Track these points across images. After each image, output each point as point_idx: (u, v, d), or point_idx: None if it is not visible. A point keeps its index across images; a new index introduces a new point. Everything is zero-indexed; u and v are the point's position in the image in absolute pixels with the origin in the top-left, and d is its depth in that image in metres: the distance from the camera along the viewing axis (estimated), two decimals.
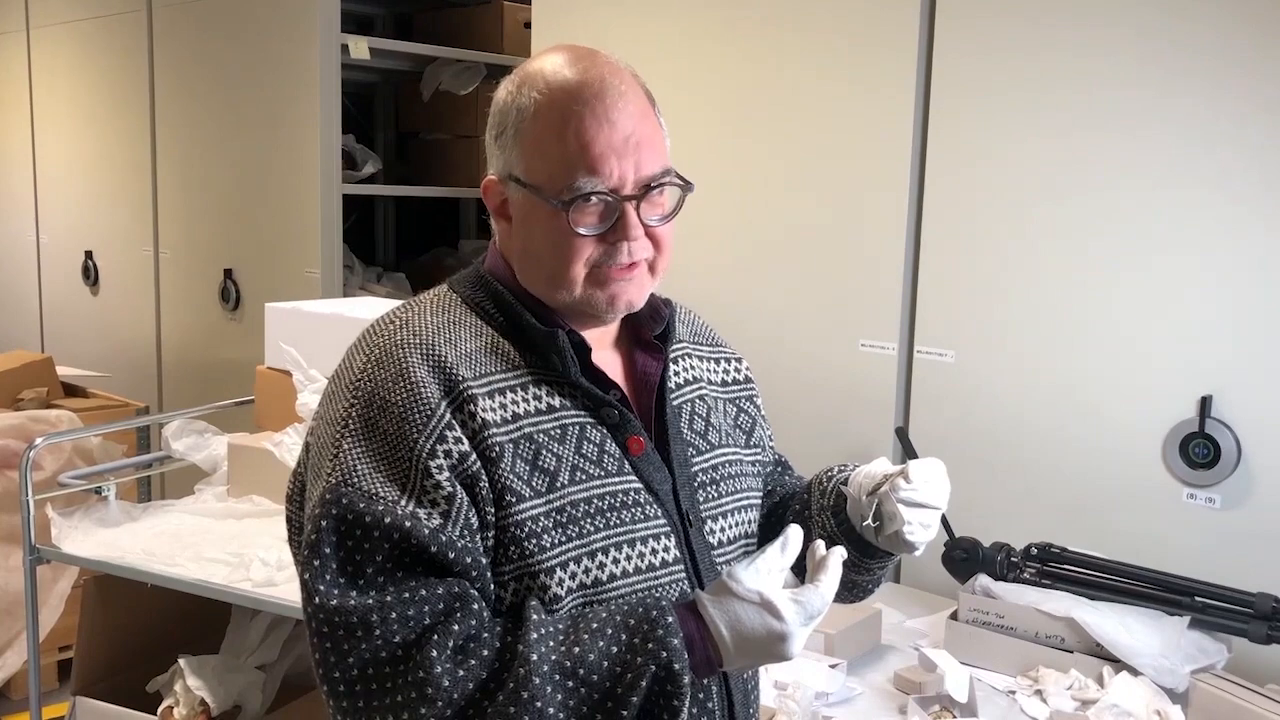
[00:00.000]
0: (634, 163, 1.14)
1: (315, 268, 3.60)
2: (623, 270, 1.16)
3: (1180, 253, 2.01)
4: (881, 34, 2.31)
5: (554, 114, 1.14)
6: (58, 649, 3.35)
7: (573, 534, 1.11)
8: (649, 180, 1.16)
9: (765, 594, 1.06)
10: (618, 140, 1.13)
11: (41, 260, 4.86)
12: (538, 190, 1.15)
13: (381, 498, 1.06)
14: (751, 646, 1.07)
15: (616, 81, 1.16)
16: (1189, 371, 2.01)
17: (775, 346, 2.45)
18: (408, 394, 1.10)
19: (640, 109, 1.17)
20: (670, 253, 1.21)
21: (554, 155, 1.14)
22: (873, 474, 1.23)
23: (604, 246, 1.15)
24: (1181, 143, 1.99)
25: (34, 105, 4.77)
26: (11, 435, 3.18)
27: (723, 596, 1.08)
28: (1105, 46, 2.05)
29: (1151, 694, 1.73)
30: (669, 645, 1.04)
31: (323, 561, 1.06)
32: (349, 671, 1.03)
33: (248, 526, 2.38)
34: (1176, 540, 2.02)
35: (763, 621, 1.06)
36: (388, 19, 4.33)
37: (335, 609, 1.04)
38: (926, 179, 2.29)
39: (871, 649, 1.99)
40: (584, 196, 1.13)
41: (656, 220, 1.17)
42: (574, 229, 1.13)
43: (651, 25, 2.66)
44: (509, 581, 1.10)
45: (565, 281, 1.16)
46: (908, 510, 1.19)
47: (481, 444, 1.10)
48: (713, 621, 1.07)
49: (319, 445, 1.15)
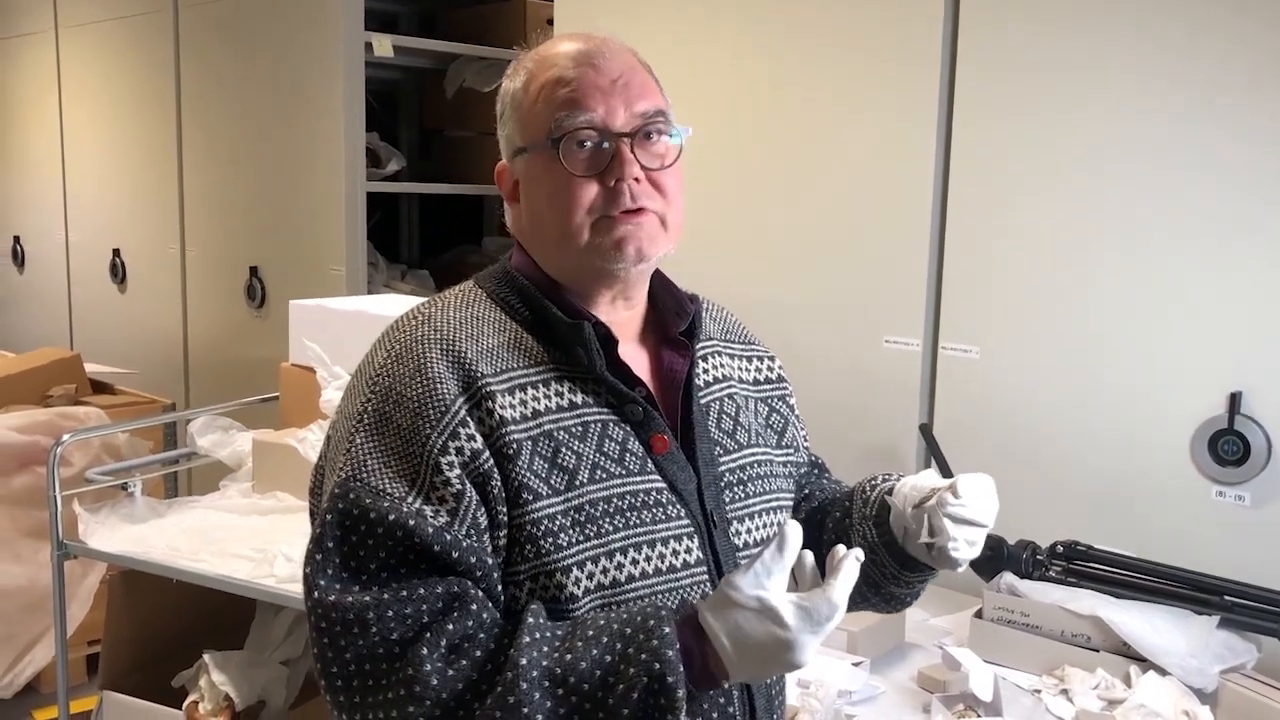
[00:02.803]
0: (623, 100, 1.15)
1: (340, 265, 3.61)
2: (628, 215, 1.15)
3: (1209, 248, 1.98)
4: (906, 27, 2.29)
5: (541, 76, 1.17)
6: (86, 643, 3.38)
7: (591, 533, 1.10)
8: (642, 116, 1.16)
9: (765, 599, 1.01)
10: (604, 81, 1.16)
11: (70, 258, 4.90)
12: (535, 144, 1.16)
13: (389, 494, 1.06)
14: (755, 656, 1.01)
15: (600, 40, 1.19)
16: (1218, 367, 1.98)
17: (799, 343, 2.44)
18: (423, 389, 1.10)
19: (629, 62, 1.19)
20: (680, 205, 1.19)
21: (542, 108, 1.16)
22: (920, 486, 1.20)
23: (604, 193, 1.14)
24: (1210, 138, 1.97)
25: (63, 105, 4.82)
26: (40, 431, 3.22)
27: (722, 605, 1.03)
28: (1131, 42, 2.03)
29: (1180, 694, 1.71)
30: (662, 656, 1.00)
31: (325, 556, 1.06)
32: (346, 667, 1.03)
33: (272, 522, 2.39)
34: (1205, 538, 2.00)
35: (765, 629, 1.01)
36: (411, 17, 4.34)
37: (334, 604, 1.04)
38: (951, 174, 2.27)
39: (895, 647, 1.98)
40: (572, 133, 1.14)
41: (657, 167, 1.17)
42: (569, 172, 1.14)
43: (675, 21, 2.65)
44: (524, 580, 1.09)
45: (571, 233, 1.15)
46: (954, 526, 1.17)
47: (497, 441, 1.09)
48: (713, 632, 1.02)
49: (336, 439, 1.16)
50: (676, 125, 1.19)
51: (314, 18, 3.60)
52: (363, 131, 3.62)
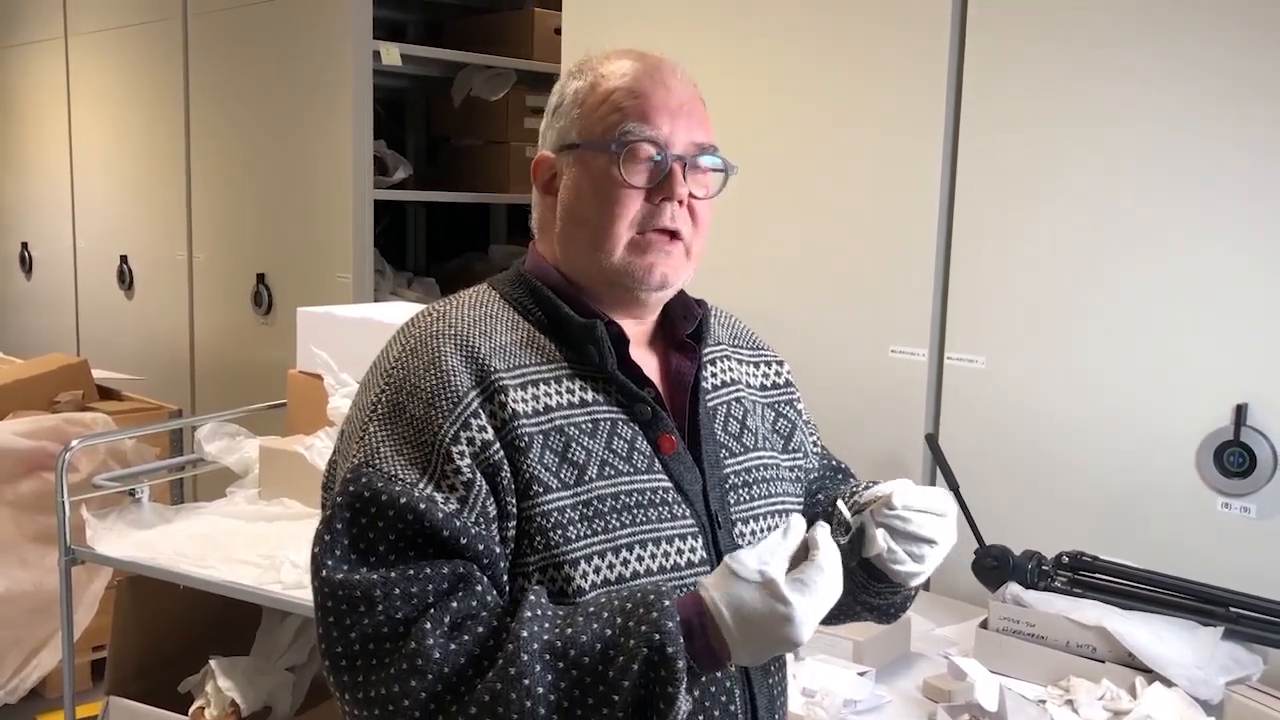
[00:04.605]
0: (685, 126, 1.20)
1: (346, 272, 3.62)
2: (662, 238, 1.18)
3: (1216, 259, 1.98)
4: (913, 38, 2.30)
5: (612, 82, 1.21)
6: (92, 649, 3.38)
7: (598, 528, 1.12)
8: (699, 147, 1.20)
9: (767, 572, 1.04)
10: (673, 102, 1.20)
11: (78, 265, 4.92)
12: (592, 144, 1.19)
13: (401, 479, 1.09)
14: (755, 631, 1.04)
15: (673, 66, 1.24)
16: (1224, 379, 1.98)
17: (805, 352, 2.44)
18: (437, 381, 1.13)
19: (693, 92, 1.24)
20: (705, 237, 1.23)
21: (610, 111, 1.20)
22: (876, 493, 1.21)
23: (648, 207, 1.18)
24: (1217, 147, 1.97)
25: (72, 111, 4.84)
26: (48, 437, 3.22)
27: (725, 579, 1.05)
28: (1138, 48, 2.03)
29: (1185, 705, 1.70)
30: (662, 628, 1.02)
31: (334, 536, 1.08)
32: (351, 645, 1.05)
33: (279, 529, 2.40)
34: (1211, 549, 1.99)
35: (765, 602, 1.03)
36: (419, 25, 4.36)
37: (340, 583, 1.06)
38: (957, 183, 2.27)
39: (900, 656, 1.98)
40: (638, 142, 1.17)
41: (700, 196, 1.21)
42: (625, 179, 1.17)
43: (683, 32, 2.66)
44: (534, 572, 1.11)
45: (608, 241, 1.18)
46: (891, 538, 1.17)
47: (509, 434, 1.11)
48: (714, 603, 1.04)
49: (349, 430, 1.18)
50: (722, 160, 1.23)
51: (322, 26, 3.61)
52: (370, 139, 3.64)
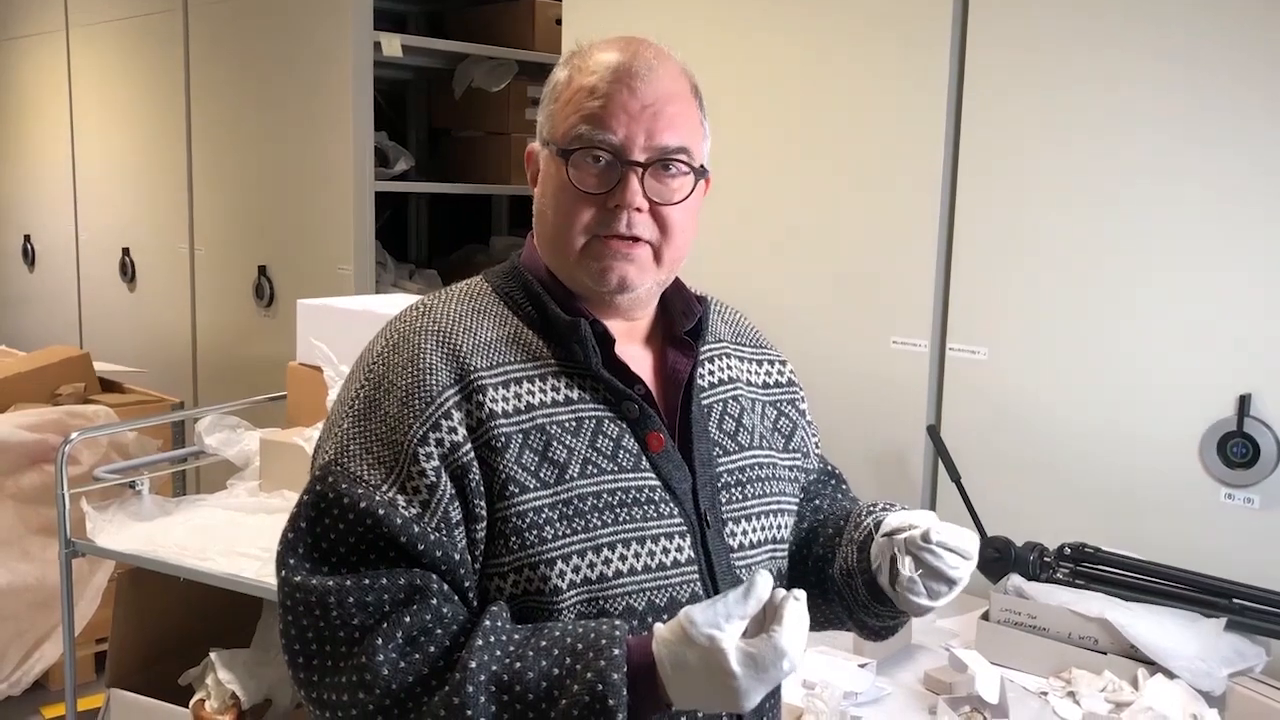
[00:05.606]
0: (646, 129, 1.14)
1: (348, 264, 3.62)
2: (621, 243, 1.14)
3: (1218, 249, 1.98)
4: (914, 26, 2.29)
5: (583, 79, 1.16)
6: (93, 641, 3.39)
7: (578, 527, 1.11)
8: (661, 150, 1.14)
9: (716, 639, 0.99)
10: (634, 105, 1.14)
11: (80, 257, 4.92)
12: (554, 144, 1.16)
13: (364, 481, 1.09)
14: (698, 693, 1.01)
15: (651, 58, 1.17)
16: (1227, 369, 1.97)
17: (806, 344, 2.44)
18: (413, 379, 1.12)
19: (670, 89, 1.16)
20: (681, 243, 1.18)
21: (571, 112, 1.15)
22: (906, 521, 1.18)
23: (602, 214, 1.14)
24: (1220, 137, 1.96)
25: (73, 103, 4.84)
26: (49, 430, 3.23)
27: (675, 635, 1.02)
28: (1144, 39, 2.02)
29: (1187, 697, 1.70)
30: (607, 678, 1.00)
31: (297, 535, 1.10)
32: (307, 645, 1.07)
33: (279, 521, 2.34)
34: (1214, 541, 1.99)
35: (706, 668, 1.00)
36: (420, 16, 4.35)
37: (298, 585, 1.07)
38: (959, 174, 2.26)
39: (901, 648, 1.97)
40: (584, 149, 1.13)
41: (665, 201, 1.15)
42: (572, 184, 1.14)
43: (683, 21, 2.65)
44: (509, 572, 1.10)
45: (565, 244, 1.16)
46: (918, 570, 1.15)
47: (484, 434, 1.10)
48: (660, 661, 1.01)
49: (329, 421, 1.19)
50: (700, 165, 1.18)
51: (323, 17, 3.61)
52: (371, 131, 3.63)
